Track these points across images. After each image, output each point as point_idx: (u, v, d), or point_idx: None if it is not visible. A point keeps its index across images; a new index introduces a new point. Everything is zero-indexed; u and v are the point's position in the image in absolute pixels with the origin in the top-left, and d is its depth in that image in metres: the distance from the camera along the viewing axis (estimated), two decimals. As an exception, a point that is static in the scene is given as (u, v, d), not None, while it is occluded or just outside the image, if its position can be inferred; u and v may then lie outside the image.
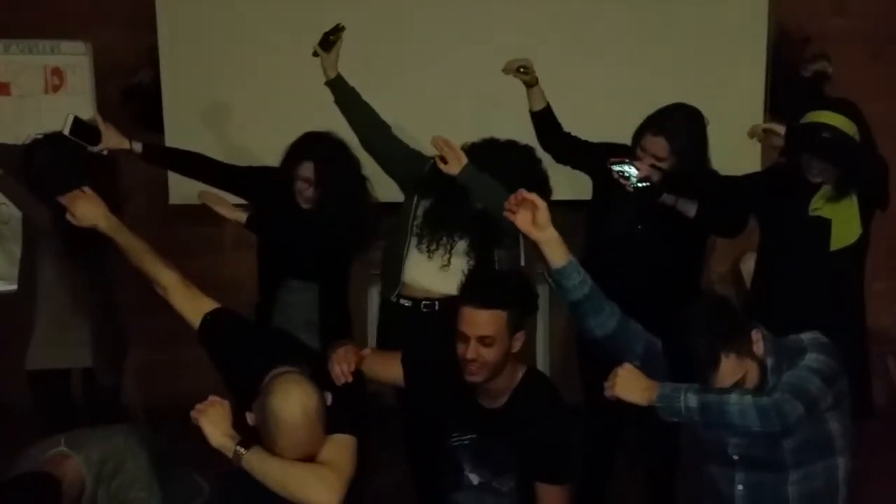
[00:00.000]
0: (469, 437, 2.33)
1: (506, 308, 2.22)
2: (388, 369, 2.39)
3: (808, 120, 2.61)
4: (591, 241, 2.98)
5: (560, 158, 3.03)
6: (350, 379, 2.22)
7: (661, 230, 2.77)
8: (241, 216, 2.84)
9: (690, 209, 2.78)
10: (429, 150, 2.75)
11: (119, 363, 3.15)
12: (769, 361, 2.03)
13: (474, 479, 2.33)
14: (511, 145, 2.81)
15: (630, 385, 1.97)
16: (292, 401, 1.96)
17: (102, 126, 2.89)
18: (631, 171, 2.65)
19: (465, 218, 2.75)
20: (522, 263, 3.07)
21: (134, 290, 3.41)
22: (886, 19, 3.99)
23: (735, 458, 2.09)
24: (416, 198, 2.83)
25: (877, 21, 3.98)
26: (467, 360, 2.21)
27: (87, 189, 2.29)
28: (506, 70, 2.90)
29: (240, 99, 3.82)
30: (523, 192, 2.08)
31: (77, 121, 2.83)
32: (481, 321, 2.20)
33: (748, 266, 2.78)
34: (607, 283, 2.84)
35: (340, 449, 2.06)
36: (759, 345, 2.02)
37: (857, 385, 2.62)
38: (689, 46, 3.76)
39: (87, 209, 2.25)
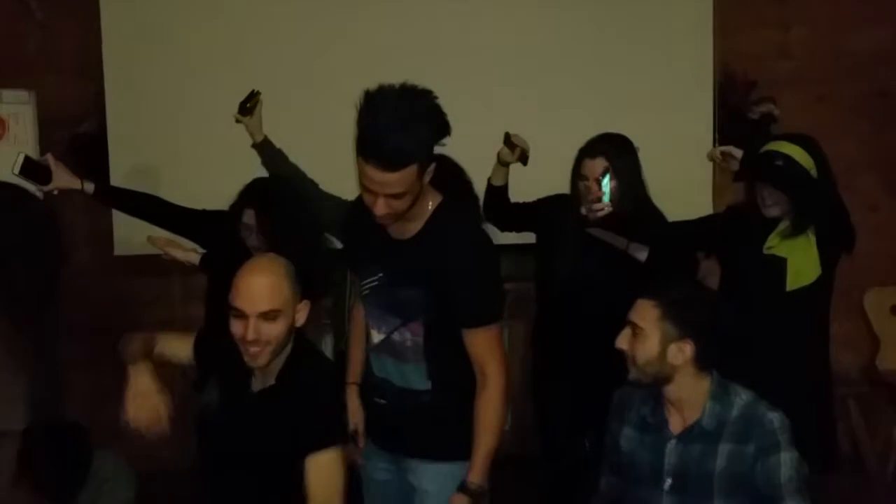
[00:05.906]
0: (377, 276, 2.14)
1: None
2: None
3: (765, 149, 2.62)
4: (542, 286, 2.97)
5: (504, 228, 3.04)
6: None
7: (611, 272, 2.76)
8: (195, 257, 2.78)
9: (641, 254, 2.78)
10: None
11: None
12: (709, 405, 2.08)
13: (376, 336, 2.16)
14: None
15: None
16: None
17: (53, 165, 2.81)
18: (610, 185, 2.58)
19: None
20: None
21: (79, 348, 3.33)
22: (830, 62, 4.07)
23: (669, 481, 2.10)
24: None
25: (821, 64, 4.07)
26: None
27: None
28: (507, 159, 2.82)
29: (187, 147, 3.76)
30: None
31: (28, 160, 2.76)
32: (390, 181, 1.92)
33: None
34: (561, 324, 2.86)
35: (329, 473, 1.91)
36: (684, 353, 2.06)
37: (822, 436, 2.60)
38: (637, 91, 3.79)
39: None
